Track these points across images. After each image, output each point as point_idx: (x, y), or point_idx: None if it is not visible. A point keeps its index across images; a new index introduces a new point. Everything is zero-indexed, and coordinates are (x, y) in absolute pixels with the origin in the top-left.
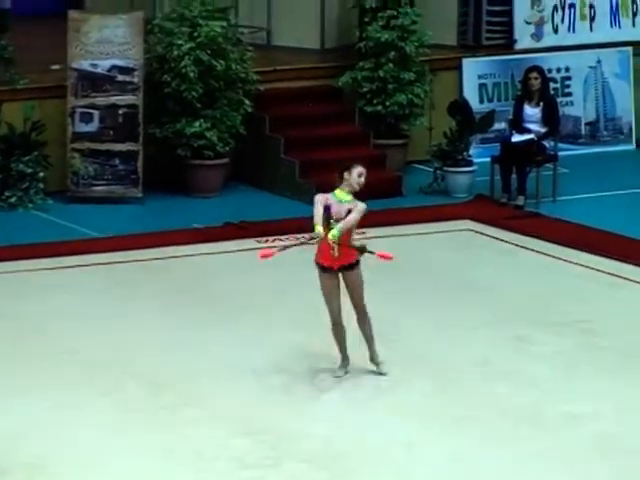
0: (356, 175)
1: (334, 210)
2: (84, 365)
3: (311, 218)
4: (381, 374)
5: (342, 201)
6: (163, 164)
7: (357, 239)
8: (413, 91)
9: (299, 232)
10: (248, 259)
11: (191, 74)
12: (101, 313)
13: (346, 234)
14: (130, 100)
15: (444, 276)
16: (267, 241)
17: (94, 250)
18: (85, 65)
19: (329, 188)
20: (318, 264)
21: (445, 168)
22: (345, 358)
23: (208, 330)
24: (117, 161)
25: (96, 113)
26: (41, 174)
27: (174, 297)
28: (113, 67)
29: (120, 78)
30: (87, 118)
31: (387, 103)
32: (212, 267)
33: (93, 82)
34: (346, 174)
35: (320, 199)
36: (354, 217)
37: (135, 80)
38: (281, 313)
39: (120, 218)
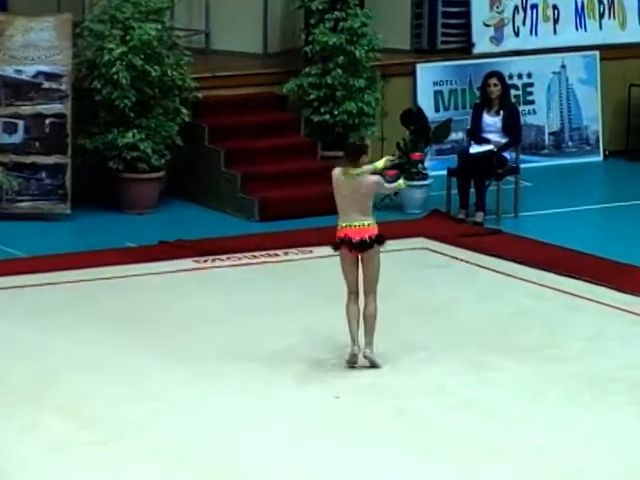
0: None
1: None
2: (1, 397)
3: (254, 236)
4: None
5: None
6: (93, 178)
7: None
8: (363, 99)
9: (242, 251)
10: (185, 281)
11: (123, 80)
12: (24, 340)
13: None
14: (57, 109)
15: (396, 298)
16: (206, 261)
17: (18, 271)
18: (8, 71)
19: (274, 203)
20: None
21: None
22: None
23: (140, 358)
24: (44, 175)
25: (21, 123)
26: None
27: (104, 322)
28: (39, 73)
29: (47, 85)
30: (11, 128)
31: (335, 112)
32: (146, 290)
33: (17, 89)
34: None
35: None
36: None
37: (63, 87)
38: (218, 341)
39: (47, 236)
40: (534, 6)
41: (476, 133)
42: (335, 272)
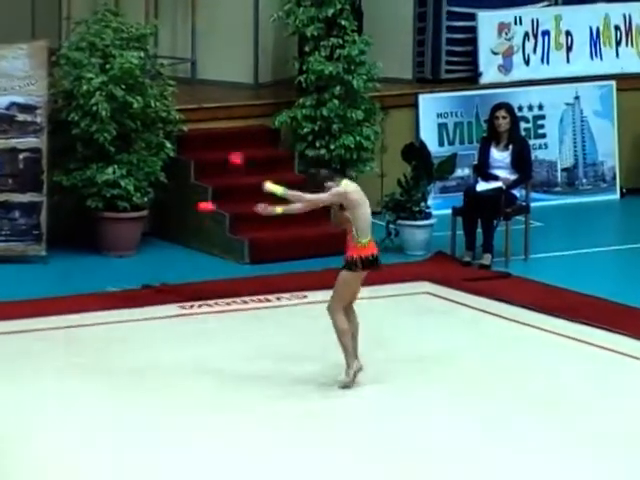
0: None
1: None
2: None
3: (244, 280)
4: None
5: None
6: (71, 217)
7: None
8: (362, 132)
9: (231, 296)
10: (169, 328)
11: (103, 112)
12: (6, 393)
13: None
14: (32, 143)
15: (396, 345)
16: (192, 307)
17: None
18: None
19: (265, 245)
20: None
21: (399, 221)
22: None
23: (118, 415)
24: (17, 214)
25: None
26: None
27: (79, 374)
28: (12, 104)
29: (20, 117)
30: None
31: (332, 146)
32: (127, 338)
33: None
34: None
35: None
36: (310, 199)
37: (38, 120)
38: (200, 393)
39: (20, 280)
40: (546, 33)
41: (483, 169)
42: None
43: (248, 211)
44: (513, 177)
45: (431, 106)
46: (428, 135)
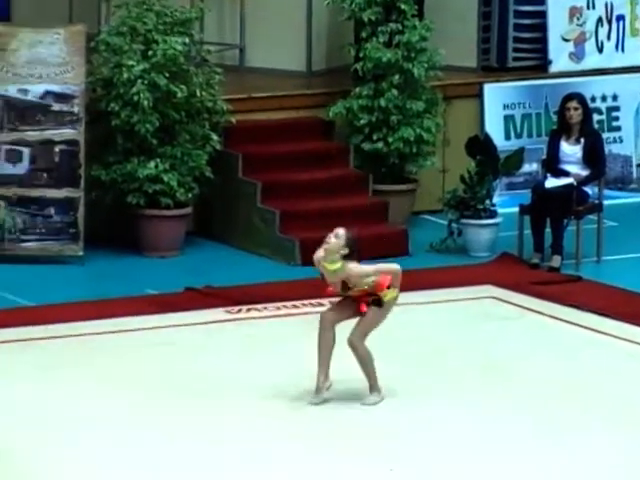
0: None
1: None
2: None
3: (294, 283)
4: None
5: (328, 270)
6: (110, 215)
7: None
8: (422, 124)
9: (281, 300)
10: (216, 334)
11: (145, 102)
12: (26, 403)
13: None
14: (69, 135)
15: (459, 356)
16: (240, 311)
17: (22, 322)
18: (12, 91)
19: (316, 246)
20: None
21: (462, 220)
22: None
23: (156, 426)
24: (52, 211)
25: (26, 151)
26: None
27: (119, 383)
28: (47, 93)
29: (56, 107)
30: (15, 157)
31: (390, 139)
32: (167, 344)
33: (22, 112)
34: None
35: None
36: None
37: (75, 110)
38: (242, 401)
39: (55, 282)
40: (620, 17)
41: (553, 164)
42: (389, 324)
43: (300, 209)
44: (585, 173)
45: (497, 96)
46: (494, 127)
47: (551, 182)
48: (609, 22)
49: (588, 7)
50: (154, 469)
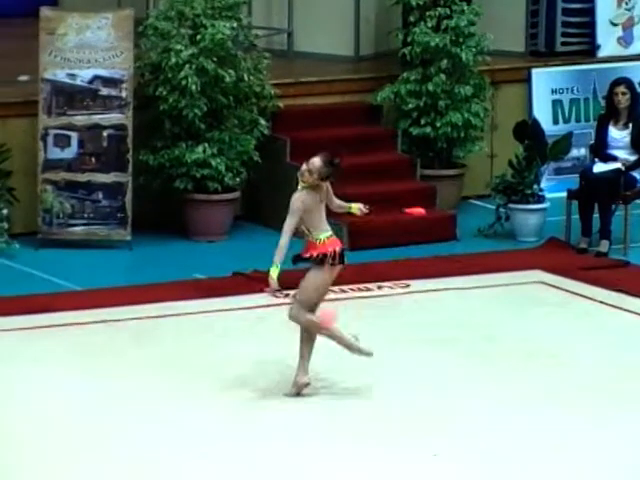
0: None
1: None
2: (49, 458)
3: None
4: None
5: None
6: (157, 199)
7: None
8: (470, 109)
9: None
10: (263, 319)
11: (193, 87)
12: (75, 387)
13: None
14: (117, 119)
15: (506, 341)
16: (287, 296)
17: (69, 307)
18: (60, 76)
19: (365, 230)
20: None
21: (510, 205)
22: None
23: (205, 410)
24: (100, 195)
25: (74, 135)
26: (5, 211)
27: (165, 367)
28: (95, 78)
29: (104, 92)
30: (63, 142)
31: (438, 124)
32: (216, 328)
33: (71, 97)
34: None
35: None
36: (282, 239)
37: (123, 94)
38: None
39: (103, 266)
40: None
41: (601, 149)
42: (437, 309)
43: (347, 194)
44: (633, 158)
45: (545, 81)
46: (542, 112)
47: (599, 167)
48: None
49: None
50: (199, 453)
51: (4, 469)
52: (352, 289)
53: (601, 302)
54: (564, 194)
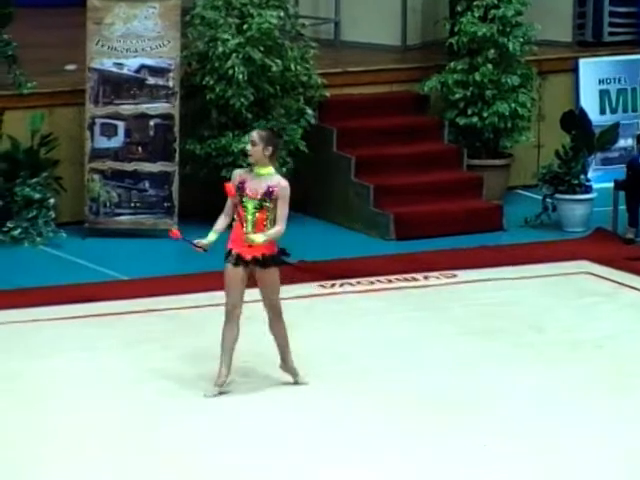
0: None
1: (248, 188)
2: (100, 446)
3: (388, 257)
4: (298, 383)
5: (259, 175)
6: (204, 188)
7: None
8: (517, 99)
9: (375, 275)
10: (309, 309)
11: (239, 76)
12: (122, 376)
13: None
14: (164, 109)
15: (553, 332)
16: (334, 286)
17: (116, 296)
18: (108, 65)
19: (412, 220)
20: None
21: (557, 195)
22: (226, 370)
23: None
24: (147, 184)
25: (121, 125)
26: (52, 201)
27: (213, 357)
28: (142, 67)
29: (151, 81)
30: (110, 131)
31: (485, 114)
32: (262, 318)
33: (117, 86)
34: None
35: (232, 182)
36: (282, 225)
37: (170, 84)
38: (340, 383)
39: (149, 256)
40: None
41: None
42: (483, 299)
43: (394, 184)
44: None
45: (592, 71)
46: (589, 102)
47: None
48: None
49: None
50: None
51: (56, 462)
52: (399, 279)
53: None
54: (611, 184)
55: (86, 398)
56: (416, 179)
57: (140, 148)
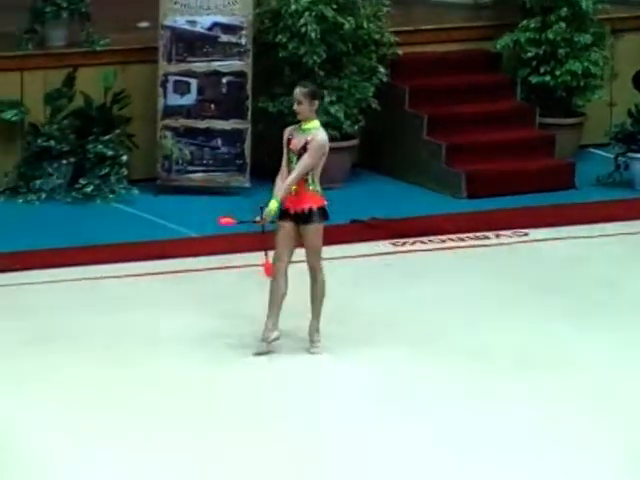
0: None
1: (293, 144)
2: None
3: (460, 216)
4: (312, 352)
5: (303, 130)
6: (276, 146)
7: None
8: (590, 57)
9: (447, 233)
10: (380, 267)
11: (312, 34)
12: (193, 334)
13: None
14: (236, 66)
15: (624, 289)
16: (405, 244)
17: (188, 253)
18: (180, 22)
19: (483, 178)
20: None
21: (629, 154)
22: (271, 324)
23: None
24: (219, 142)
25: (194, 82)
26: (124, 158)
27: (287, 314)
28: (215, 25)
29: (224, 39)
30: (182, 88)
31: (557, 72)
32: (335, 277)
33: (190, 44)
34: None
35: (284, 136)
36: (296, 173)
37: (242, 41)
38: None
39: (222, 213)
40: None
41: None
42: (555, 257)
43: (466, 142)
44: None
45: None
46: None
47: None
48: None
49: None
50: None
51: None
52: (470, 237)
53: None
54: None
55: (151, 355)
56: (488, 137)
57: (213, 105)
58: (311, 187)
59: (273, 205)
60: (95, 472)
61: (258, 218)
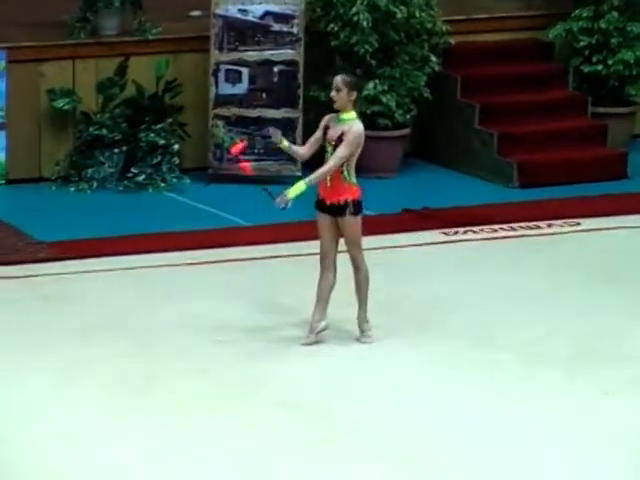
0: None
1: (329, 134)
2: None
3: (512, 205)
4: (363, 342)
5: (340, 120)
6: None
7: None
8: None
9: (498, 222)
10: (432, 256)
11: (364, 23)
12: (240, 323)
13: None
14: (288, 55)
15: None
16: (457, 233)
17: (240, 242)
18: (232, 11)
19: (536, 168)
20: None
21: None
22: (318, 316)
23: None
24: (271, 131)
25: (245, 71)
26: (176, 146)
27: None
28: (267, 14)
29: (276, 27)
30: (234, 77)
31: (610, 62)
32: (386, 267)
33: (242, 33)
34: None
35: (322, 123)
36: (331, 164)
37: (294, 30)
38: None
39: (271, 202)
40: None
41: None
42: (607, 247)
43: (518, 131)
44: None
45: None
46: None
47: None
48: None
49: None
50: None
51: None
52: (522, 227)
53: None
54: None
55: (201, 345)
56: (540, 126)
57: (264, 94)
58: (347, 179)
59: (300, 185)
60: (147, 464)
61: (279, 198)
